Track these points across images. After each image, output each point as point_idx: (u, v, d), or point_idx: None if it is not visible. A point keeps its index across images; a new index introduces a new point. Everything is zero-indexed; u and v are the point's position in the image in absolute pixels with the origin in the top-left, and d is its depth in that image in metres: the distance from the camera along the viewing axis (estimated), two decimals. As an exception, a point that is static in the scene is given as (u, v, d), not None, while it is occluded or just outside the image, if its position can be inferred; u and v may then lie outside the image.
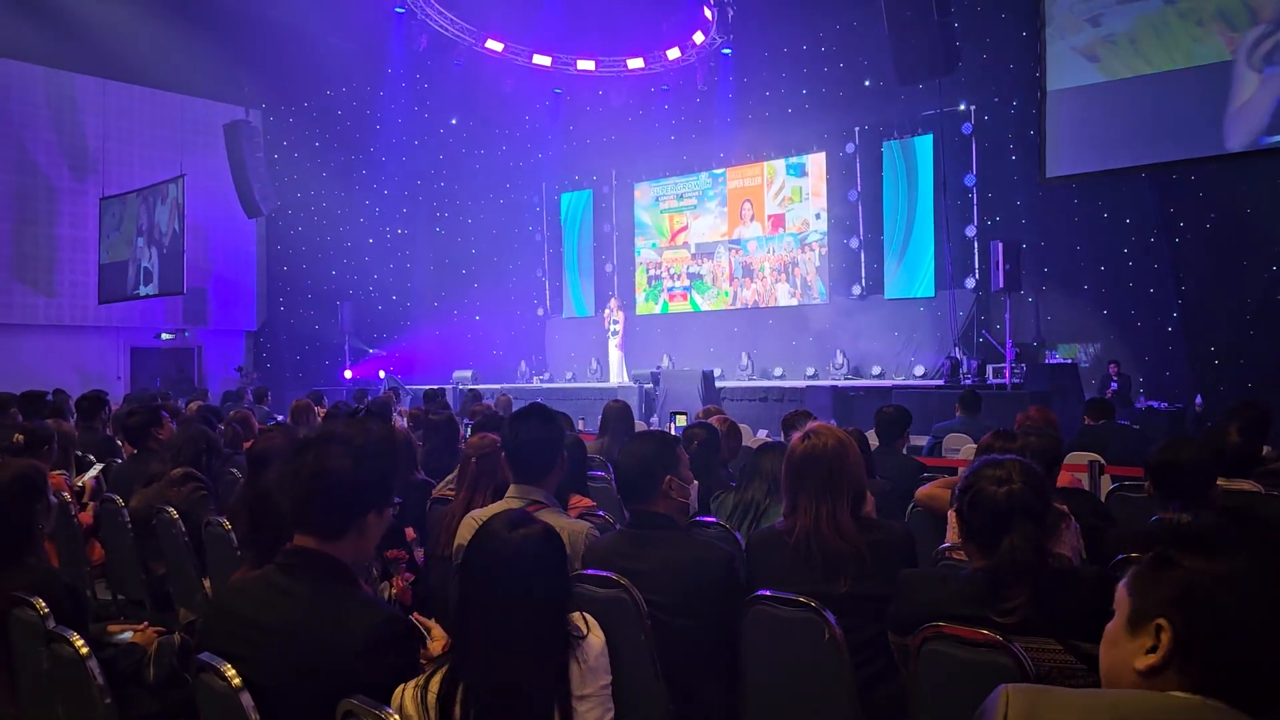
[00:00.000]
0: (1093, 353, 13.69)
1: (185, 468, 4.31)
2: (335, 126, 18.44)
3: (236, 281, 18.57)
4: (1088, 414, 7.05)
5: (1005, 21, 13.44)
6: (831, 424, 9.27)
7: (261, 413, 10.95)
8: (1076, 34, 10.28)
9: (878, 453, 5.13)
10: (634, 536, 2.77)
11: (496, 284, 20.35)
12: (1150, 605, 1.20)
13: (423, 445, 5.42)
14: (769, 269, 17.59)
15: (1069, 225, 13.67)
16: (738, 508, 3.75)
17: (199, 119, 17.64)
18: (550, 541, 2.02)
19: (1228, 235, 11.63)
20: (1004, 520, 2.11)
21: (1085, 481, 5.35)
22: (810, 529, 2.60)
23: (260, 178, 16.11)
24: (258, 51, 16.36)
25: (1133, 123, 10.37)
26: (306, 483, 2.00)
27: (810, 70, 16.24)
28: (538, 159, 20.19)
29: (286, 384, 17.30)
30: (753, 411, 13.06)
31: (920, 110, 14.89)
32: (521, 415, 3.21)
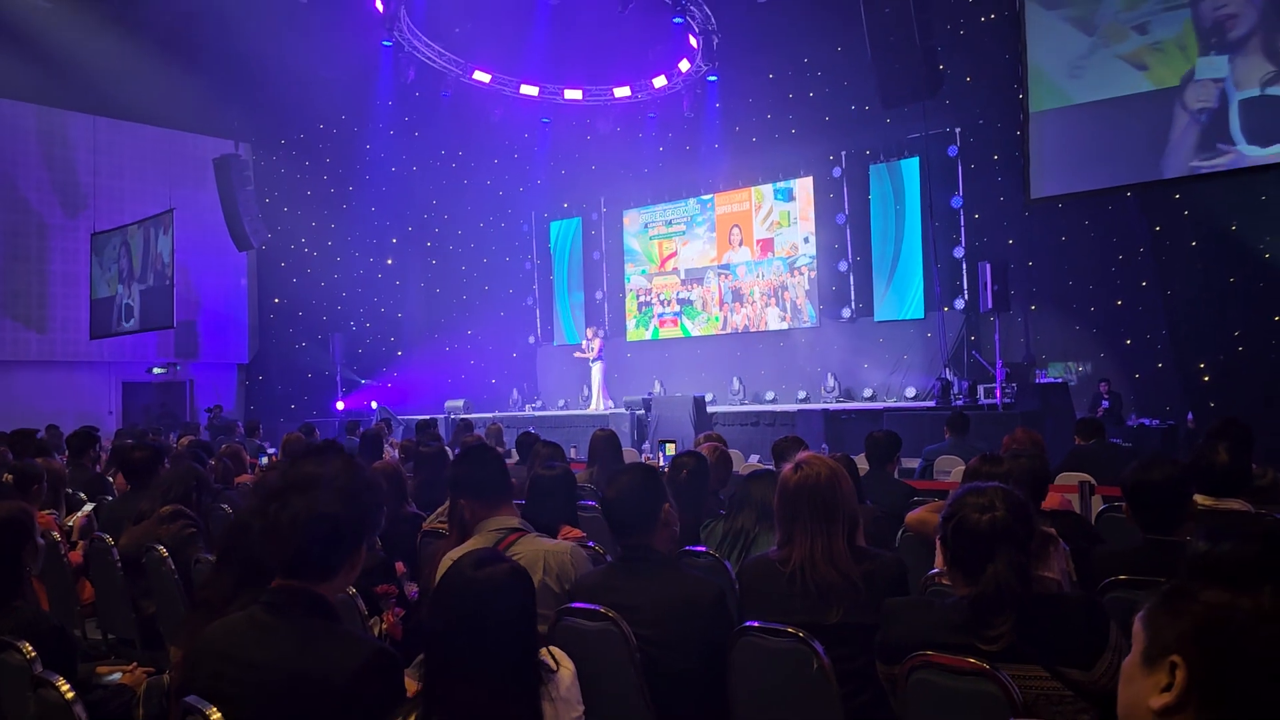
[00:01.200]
0: (1083, 371, 13.74)
1: (175, 505, 4.30)
2: (325, 158, 18.51)
3: (228, 314, 18.59)
4: (1078, 434, 7.07)
5: (988, 45, 13.57)
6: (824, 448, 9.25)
7: (253, 446, 10.92)
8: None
9: (868, 477, 5.14)
10: (625, 570, 2.77)
11: (487, 313, 20.38)
12: (1165, 641, 1.13)
13: (413, 478, 5.42)
14: (759, 293, 17.65)
15: (1056, 245, 13.76)
16: (727, 536, 3.75)
17: (189, 153, 17.72)
18: (516, 579, 2.01)
19: (1213, 252, 11.69)
20: (987, 548, 2.12)
21: (1076, 503, 5.36)
22: (806, 561, 2.60)
23: (250, 211, 16.15)
24: (246, 86, 16.45)
25: (1116, 142, 10.45)
26: (297, 532, 1.97)
27: (796, 95, 16.37)
28: (526, 188, 20.28)
29: (279, 416, 17.27)
30: (744, 436, 13.07)
31: (906, 133, 15.01)
32: (468, 458, 3.28)
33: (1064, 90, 10.61)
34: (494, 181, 20.25)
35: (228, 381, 18.86)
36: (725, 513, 4.01)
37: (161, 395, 18.17)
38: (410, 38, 15.68)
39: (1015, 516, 2.16)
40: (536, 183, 20.06)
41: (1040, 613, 2.09)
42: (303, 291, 18.55)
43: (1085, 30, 10.38)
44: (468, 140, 19.07)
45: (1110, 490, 5.46)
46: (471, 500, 3.15)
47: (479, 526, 3.11)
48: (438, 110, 17.53)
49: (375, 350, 19.34)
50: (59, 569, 4.61)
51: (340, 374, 18.25)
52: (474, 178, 20.02)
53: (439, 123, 18.12)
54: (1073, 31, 10.46)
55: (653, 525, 2.77)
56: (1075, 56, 10.45)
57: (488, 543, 2.99)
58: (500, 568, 2.00)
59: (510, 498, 3.21)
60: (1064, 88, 10.59)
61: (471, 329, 20.26)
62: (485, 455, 3.28)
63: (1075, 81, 10.48)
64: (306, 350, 18.37)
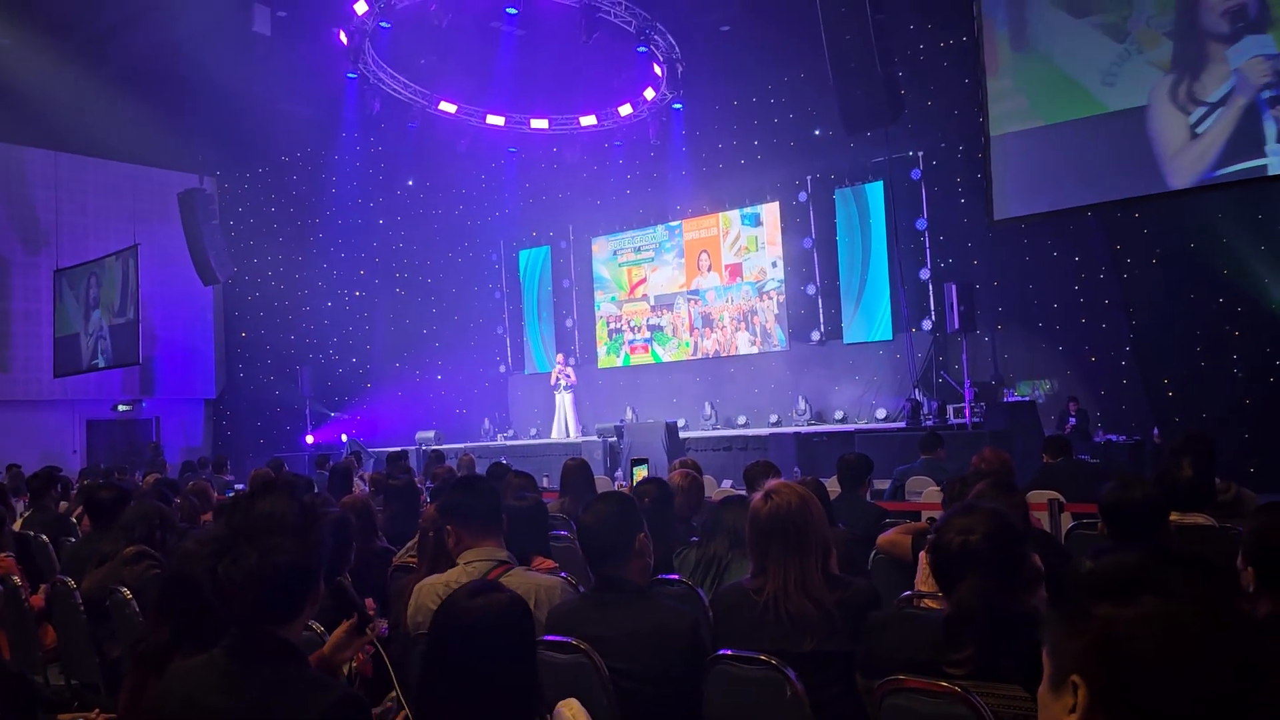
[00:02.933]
0: (1050, 389, 13.88)
1: (139, 545, 4.22)
2: (291, 191, 18.45)
3: (194, 350, 18.39)
4: (1046, 452, 7.11)
5: (947, 70, 13.78)
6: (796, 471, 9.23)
7: (221, 483, 10.79)
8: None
9: (839, 500, 5.15)
10: (598, 602, 2.74)
11: (457, 343, 20.31)
12: (1066, 662, 1.14)
13: (383, 511, 5.36)
14: (728, 318, 17.72)
15: (1020, 265, 13.93)
16: (700, 563, 3.74)
17: (153, 188, 17.58)
18: (516, 610, 1.95)
19: (1174, 270, 11.89)
20: (958, 570, 2.13)
21: (1045, 520, 5.40)
22: (780, 591, 2.59)
23: (216, 245, 16.04)
24: (211, 119, 16.37)
25: (1076, 163, 10.61)
26: (252, 588, 1.88)
27: (761, 122, 16.53)
28: (494, 217, 20.30)
29: (247, 451, 17.08)
30: (717, 461, 13.07)
31: (870, 157, 15.18)
32: (464, 487, 3.28)
33: (1024, 113, 10.73)
34: (462, 211, 20.27)
35: (195, 417, 18.64)
36: (698, 539, 4.00)
37: (127, 433, 17.92)
38: (375, 70, 15.69)
39: (992, 544, 2.16)
40: (504, 212, 20.09)
41: (1018, 632, 2.09)
42: (270, 325, 18.41)
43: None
44: (435, 170, 19.08)
45: (1078, 507, 5.50)
46: (459, 528, 3.12)
47: (462, 556, 3.08)
48: (404, 141, 17.53)
49: (345, 383, 19.20)
50: (19, 614, 4.51)
51: (309, 407, 18.10)
52: (442, 208, 20.03)
53: (405, 153, 18.12)
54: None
55: (627, 555, 2.75)
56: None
57: (470, 573, 2.95)
58: (499, 597, 1.94)
59: (499, 530, 3.17)
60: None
61: (442, 359, 20.18)
62: (480, 485, 3.29)
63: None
64: (274, 384, 18.20)
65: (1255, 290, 11.18)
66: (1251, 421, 11.13)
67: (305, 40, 15.19)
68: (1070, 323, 13.58)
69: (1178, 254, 11.75)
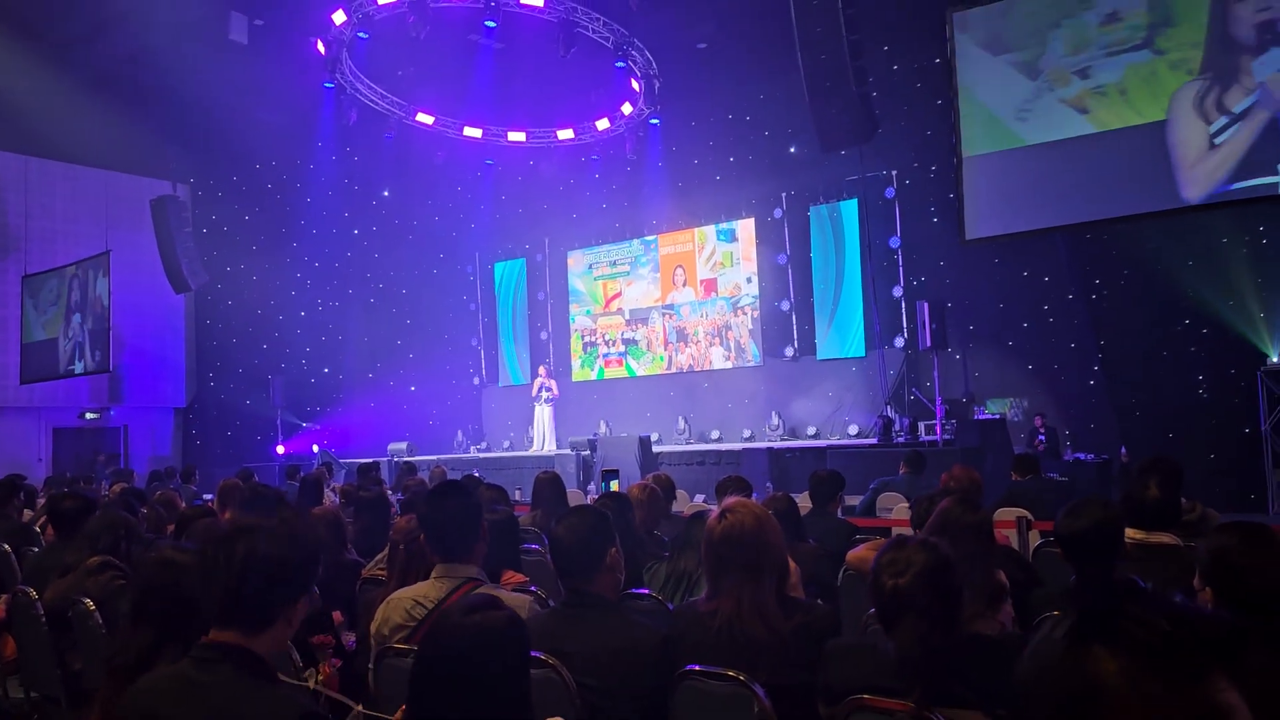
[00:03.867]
0: (1021, 407, 14.01)
1: (103, 555, 4.17)
2: (265, 200, 18.34)
3: (164, 358, 18.19)
4: (1015, 470, 7.19)
5: (921, 91, 13.95)
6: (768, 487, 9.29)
7: (189, 493, 10.68)
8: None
9: (810, 516, 5.17)
10: (567, 616, 2.73)
11: (431, 354, 20.24)
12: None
13: (353, 523, 5.32)
14: (703, 333, 17.77)
15: (991, 284, 14.08)
16: (670, 578, 3.74)
17: (125, 194, 17.42)
18: (512, 628, 1.89)
19: (1140, 292, 12.06)
20: (894, 612, 2.18)
21: (1014, 538, 5.44)
22: (734, 614, 2.57)
23: (188, 253, 15.90)
24: (185, 127, 16.27)
25: (1045, 186, 10.77)
26: (237, 572, 1.94)
27: (737, 138, 16.64)
28: (470, 229, 20.29)
29: (216, 461, 16.90)
30: (690, 475, 13.08)
31: (844, 175, 15.29)
32: (437, 493, 3.19)
33: (1008, 133, 10.89)
34: (438, 222, 20.24)
35: (164, 426, 18.43)
36: (669, 555, 4.00)
37: (94, 441, 17.69)
38: (352, 80, 15.65)
39: (923, 582, 2.18)
40: (480, 224, 20.09)
41: (975, 657, 2.11)
42: (242, 334, 18.26)
43: (1029, 75, 10.68)
44: (411, 181, 19.04)
45: (1046, 525, 5.56)
46: (438, 543, 3.09)
47: (436, 570, 3.06)
48: (380, 152, 17.50)
49: (317, 393, 19.06)
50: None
51: (280, 417, 17.95)
52: (417, 219, 19.99)
53: (381, 164, 18.08)
54: (1016, 75, 10.76)
55: (598, 569, 2.74)
56: (1020, 100, 10.74)
57: (439, 588, 2.94)
58: (495, 615, 1.87)
59: (481, 546, 3.13)
60: (1008, 130, 10.84)
61: (415, 370, 20.09)
62: (459, 497, 3.19)
63: (1021, 124, 10.75)
64: (245, 393, 18.03)
65: (1220, 313, 11.37)
66: (1216, 442, 11.29)
67: (282, 49, 15.15)
68: (1040, 342, 13.72)
69: (1145, 276, 11.93)
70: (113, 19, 13.84)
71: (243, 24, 14.38)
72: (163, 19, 13.40)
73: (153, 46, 14.01)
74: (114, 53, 14.70)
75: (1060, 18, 10.59)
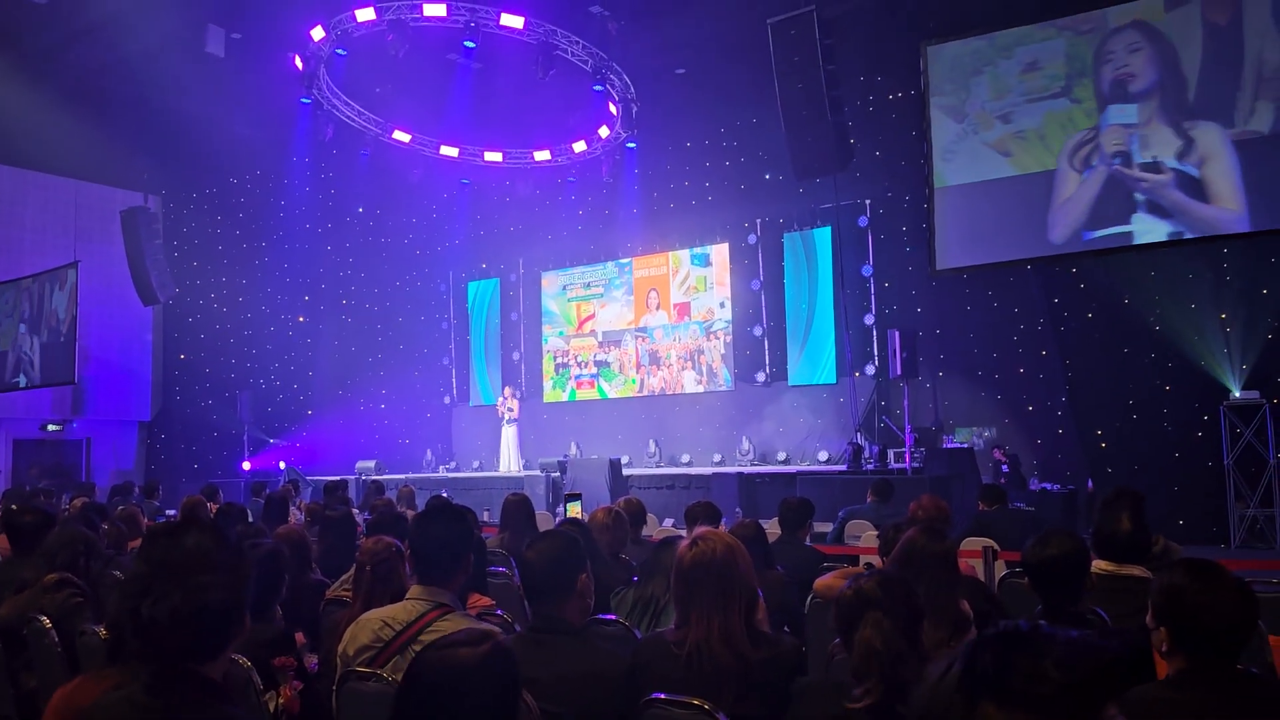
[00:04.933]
0: (989, 437, 14.12)
1: (61, 572, 4.10)
2: (238, 214, 18.21)
3: (130, 370, 17.96)
4: (982, 500, 7.24)
5: (895, 121, 14.11)
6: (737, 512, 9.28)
7: (151, 508, 10.53)
8: (989, 129, 10.95)
9: (779, 543, 5.18)
10: (533, 641, 2.71)
11: (402, 372, 20.12)
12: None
13: (318, 542, 5.27)
14: (675, 356, 17.80)
15: (962, 314, 14.21)
16: (638, 604, 3.73)
17: (95, 205, 17.24)
18: (497, 661, 1.86)
19: (1108, 325, 12.22)
20: (856, 613, 2.25)
21: (979, 568, 5.47)
22: (703, 642, 2.55)
23: (158, 265, 15.75)
24: (158, 138, 16.13)
25: (1015, 218, 10.96)
26: (176, 629, 1.80)
27: (713, 164, 16.74)
28: (445, 248, 20.25)
29: (181, 476, 16.68)
30: (660, 499, 13.06)
31: (818, 203, 15.42)
32: (429, 515, 3.15)
33: (978, 165, 11.18)
34: (411, 240, 20.17)
35: (127, 439, 18.17)
36: (637, 580, 3.99)
37: (55, 453, 17.41)
38: (330, 96, 15.62)
39: (887, 588, 2.29)
40: (455, 243, 20.05)
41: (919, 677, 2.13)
42: (210, 348, 18.07)
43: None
44: (386, 199, 18.99)
45: (1012, 556, 5.59)
46: (421, 564, 3.04)
47: (411, 591, 3.01)
48: (355, 168, 17.44)
49: (285, 409, 18.87)
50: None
51: (247, 433, 17.75)
52: (391, 236, 19.91)
53: (356, 180, 18.01)
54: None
55: (568, 594, 2.72)
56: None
57: (410, 611, 2.90)
58: (479, 649, 1.83)
59: (462, 575, 3.08)
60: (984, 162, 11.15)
61: (385, 388, 19.95)
62: (444, 521, 3.10)
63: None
64: (212, 408, 17.83)
65: (1185, 347, 11.53)
66: (1180, 475, 11.43)
67: (259, 63, 15.07)
68: (1009, 372, 13.85)
69: (1113, 309, 12.09)
70: (88, 29, 13.73)
71: (220, 37, 14.30)
72: (139, 30, 13.30)
73: (128, 57, 13.90)
74: (88, 62, 14.57)
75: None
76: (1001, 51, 10.88)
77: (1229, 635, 2.25)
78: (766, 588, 3.32)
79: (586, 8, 13.71)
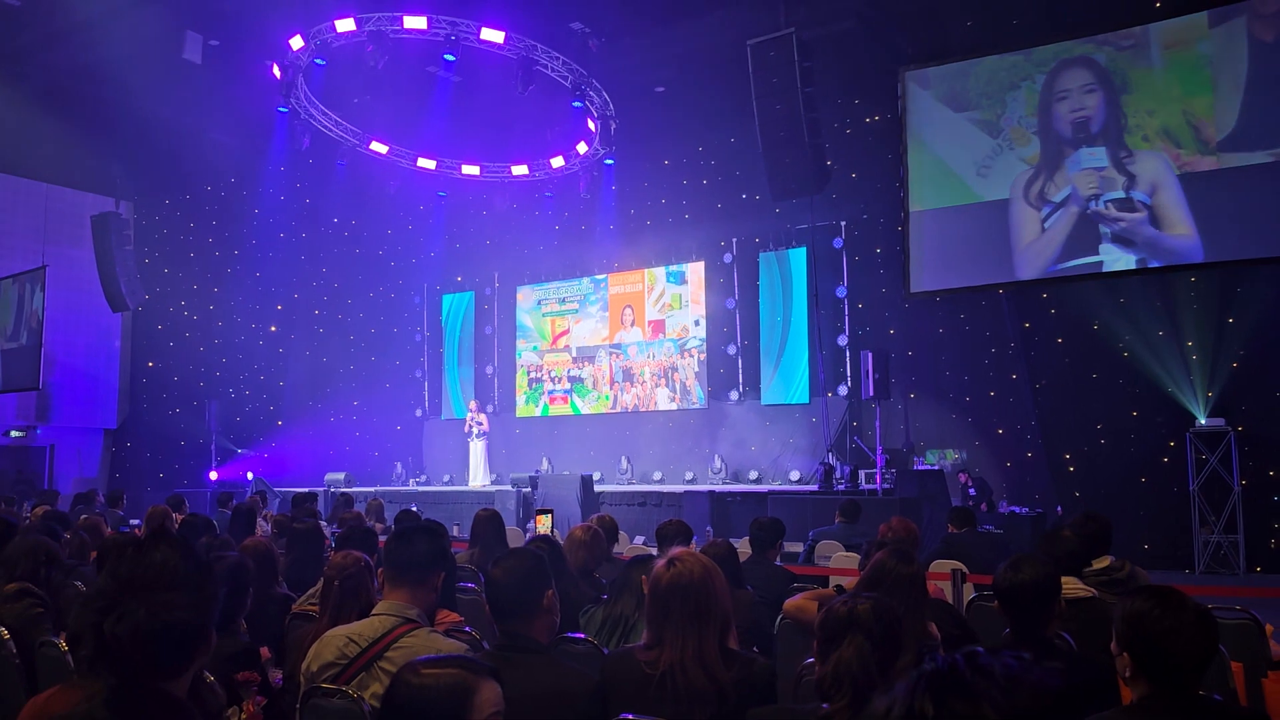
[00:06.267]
0: (959, 459, 14.21)
1: (21, 583, 4.03)
2: (211, 221, 18.08)
3: (97, 377, 17.73)
4: (952, 522, 7.28)
5: (872, 145, 14.24)
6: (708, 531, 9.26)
7: (115, 518, 10.38)
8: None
9: (749, 562, 5.17)
10: (500, 659, 2.69)
11: (374, 384, 19.99)
12: None
13: (285, 555, 5.21)
14: (649, 374, 17.80)
15: (934, 336, 14.32)
16: (606, 622, 3.71)
17: (64, 209, 17.04)
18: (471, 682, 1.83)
19: (1078, 350, 12.38)
20: (841, 632, 2.26)
21: (948, 590, 5.49)
22: (677, 663, 2.55)
23: (128, 271, 15.59)
24: (132, 143, 16.01)
25: (985, 244, 11.09)
26: (140, 647, 1.76)
27: (690, 182, 16.81)
28: (420, 260, 20.17)
29: (147, 485, 16.47)
30: (631, 516, 13.03)
31: (794, 224, 15.51)
32: (406, 532, 3.12)
33: (964, 188, 11.29)
34: (386, 252, 20.09)
35: (92, 447, 17.91)
36: (606, 597, 3.97)
37: (18, 460, 17.13)
38: (307, 105, 15.56)
39: (877, 615, 2.30)
40: (430, 255, 19.99)
41: None
42: (179, 356, 17.88)
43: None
44: (361, 209, 18.90)
45: (980, 578, 5.62)
46: (393, 576, 3.01)
47: (379, 606, 2.98)
48: (332, 178, 17.37)
49: (254, 419, 18.68)
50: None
51: (215, 442, 17.55)
52: (366, 247, 19.82)
53: (332, 190, 17.93)
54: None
55: (534, 612, 2.71)
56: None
57: (375, 626, 2.87)
58: (451, 671, 1.82)
59: (423, 584, 3.05)
60: (964, 186, 11.26)
61: (357, 400, 19.82)
62: (414, 536, 3.07)
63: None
64: (180, 417, 17.62)
65: (1153, 373, 11.69)
66: (1146, 501, 11.56)
67: (237, 71, 15.00)
68: (979, 395, 13.96)
69: (1082, 335, 12.25)
70: (64, 32, 13.63)
71: (197, 43, 14.22)
72: (115, 35, 13.22)
73: (104, 61, 13.78)
74: (63, 66, 14.45)
75: (1019, 79, 11.08)
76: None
77: (1190, 661, 2.27)
78: (736, 607, 3.31)
79: (567, 24, 13.76)
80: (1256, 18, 9.68)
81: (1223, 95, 9.83)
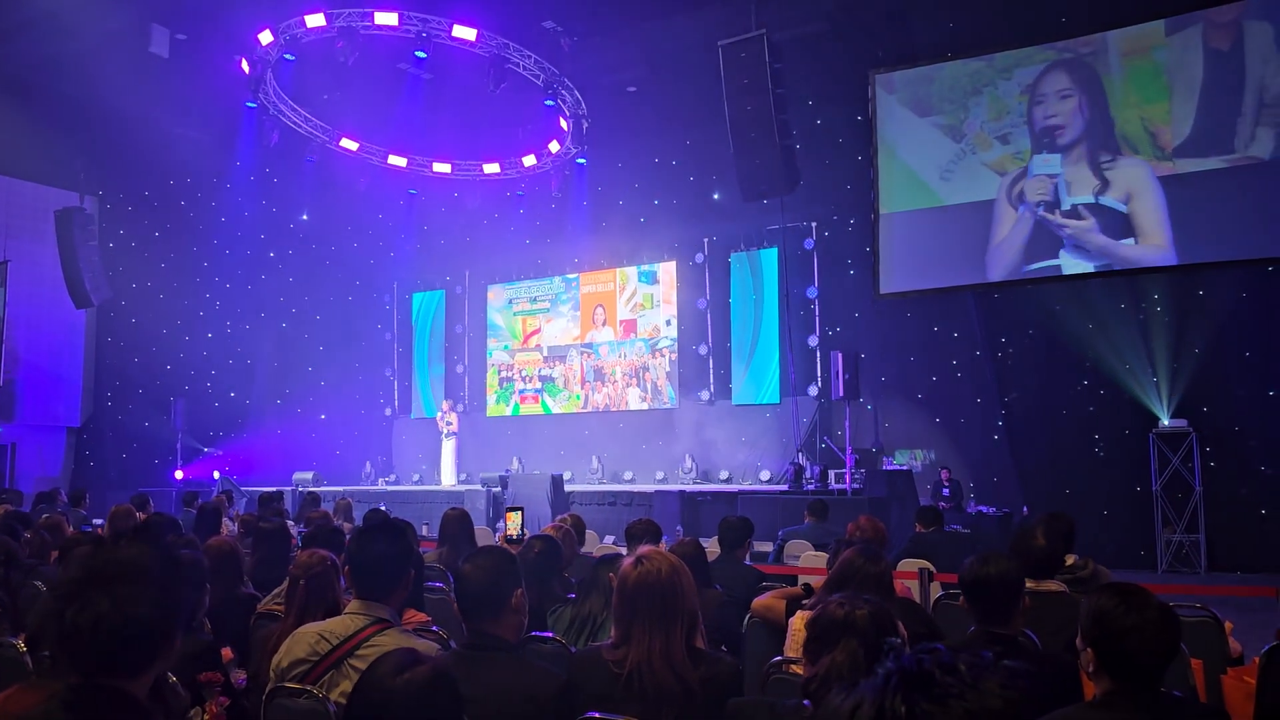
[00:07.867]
0: (927, 459, 14.32)
1: (-21, 582, 3.97)
2: (178, 217, 17.85)
3: (59, 374, 17.44)
4: (919, 521, 7.33)
5: (842, 146, 14.32)
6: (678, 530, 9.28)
7: (77, 517, 10.22)
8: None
9: (718, 561, 5.18)
10: (468, 658, 2.68)
11: (343, 383, 19.82)
12: None
13: (251, 554, 5.16)
14: (620, 373, 17.80)
15: (903, 337, 14.41)
16: (575, 621, 3.70)
17: (26, 203, 16.74)
18: (441, 683, 1.86)
19: (1044, 352, 12.52)
20: (835, 635, 2.25)
21: (915, 589, 5.53)
22: (644, 662, 2.55)
23: (92, 267, 15.37)
24: (97, 137, 15.78)
25: (953, 246, 11.20)
26: (100, 639, 1.73)
27: (662, 182, 16.82)
28: (390, 258, 20.04)
29: (110, 484, 16.23)
30: (601, 516, 13.03)
31: (765, 225, 15.56)
32: (369, 531, 3.10)
33: (929, 192, 11.39)
34: (356, 249, 19.95)
35: (55, 445, 17.63)
36: (574, 596, 3.97)
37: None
38: (276, 101, 15.41)
39: (875, 621, 2.30)
40: (400, 253, 19.85)
41: None
42: (144, 353, 17.65)
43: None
44: (331, 207, 18.73)
45: (947, 577, 5.66)
46: (360, 579, 2.98)
47: (350, 605, 2.96)
48: (300, 175, 17.20)
49: (221, 417, 18.47)
50: None
51: (181, 441, 17.34)
52: (336, 245, 19.66)
53: (301, 187, 17.77)
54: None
55: (503, 610, 2.70)
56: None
57: (347, 625, 2.85)
58: (418, 672, 1.83)
59: (402, 592, 3.03)
60: (929, 189, 11.38)
61: (325, 399, 19.65)
62: (383, 536, 3.03)
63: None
64: (145, 415, 17.38)
65: (1116, 376, 11.85)
66: (1110, 500, 11.71)
67: (204, 65, 14.81)
68: (947, 396, 14.08)
69: (1048, 337, 12.39)
70: (27, 23, 13.39)
71: (164, 37, 14.03)
72: (80, 27, 13.02)
73: (68, 54, 13.58)
74: (26, 57, 14.21)
75: (981, 85, 11.19)
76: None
77: (1153, 658, 2.30)
78: (704, 606, 3.32)
79: (540, 22, 13.72)
80: (1212, 26, 9.86)
81: (1179, 102, 10.00)
